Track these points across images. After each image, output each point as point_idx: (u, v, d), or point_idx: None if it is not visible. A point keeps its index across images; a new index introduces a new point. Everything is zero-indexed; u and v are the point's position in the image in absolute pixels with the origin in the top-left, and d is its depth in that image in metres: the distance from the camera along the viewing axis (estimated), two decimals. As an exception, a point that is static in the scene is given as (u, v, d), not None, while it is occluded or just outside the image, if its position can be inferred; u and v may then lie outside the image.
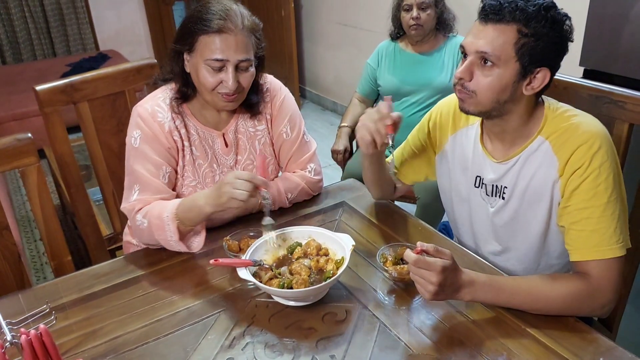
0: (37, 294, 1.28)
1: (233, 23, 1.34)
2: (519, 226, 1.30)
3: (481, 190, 1.35)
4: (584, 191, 1.15)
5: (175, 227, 1.33)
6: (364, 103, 2.63)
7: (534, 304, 1.13)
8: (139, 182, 1.42)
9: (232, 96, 1.39)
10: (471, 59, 1.16)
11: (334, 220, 1.54)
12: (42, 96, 1.66)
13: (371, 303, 1.21)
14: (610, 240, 1.13)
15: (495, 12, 1.11)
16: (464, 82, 1.18)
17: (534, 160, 1.22)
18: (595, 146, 1.13)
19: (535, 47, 1.11)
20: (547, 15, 1.10)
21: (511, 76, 1.14)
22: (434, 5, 2.35)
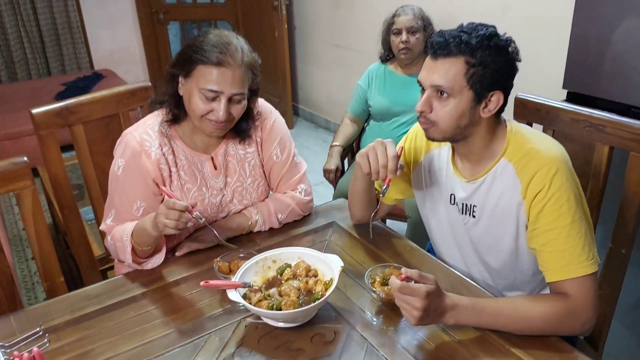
0: (29, 315, 1.30)
1: (233, 58, 1.37)
2: (491, 243, 1.35)
3: (455, 208, 1.39)
4: (548, 213, 1.19)
5: (130, 249, 1.40)
6: (355, 123, 2.67)
7: (516, 325, 1.15)
8: (114, 210, 1.49)
9: (221, 124, 1.42)
10: (428, 92, 1.24)
11: (324, 240, 1.57)
12: (38, 119, 1.69)
13: (359, 324, 1.23)
14: (580, 258, 1.17)
15: (442, 47, 1.19)
16: (425, 114, 1.25)
17: (501, 181, 1.27)
18: (553, 169, 1.19)
19: (485, 74, 1.18)
20: (490, 44, 1.18)
21: (467, 103, 1.21)
22: (423, 29, 2.41)
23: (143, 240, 1.38)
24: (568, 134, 1.51)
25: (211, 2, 5.52)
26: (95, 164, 1.81)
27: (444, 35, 1.20)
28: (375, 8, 3.74)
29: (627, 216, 1.41)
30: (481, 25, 1.21)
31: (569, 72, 1.92)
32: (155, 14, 5.35)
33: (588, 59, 1.87)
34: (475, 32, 1.18)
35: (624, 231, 1.42)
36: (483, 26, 1.21)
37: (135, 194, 1.46)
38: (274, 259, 1.36)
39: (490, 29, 1.20)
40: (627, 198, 1.41)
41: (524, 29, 2.76)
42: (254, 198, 1.62)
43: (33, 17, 4.83)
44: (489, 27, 1.21)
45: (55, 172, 1.74)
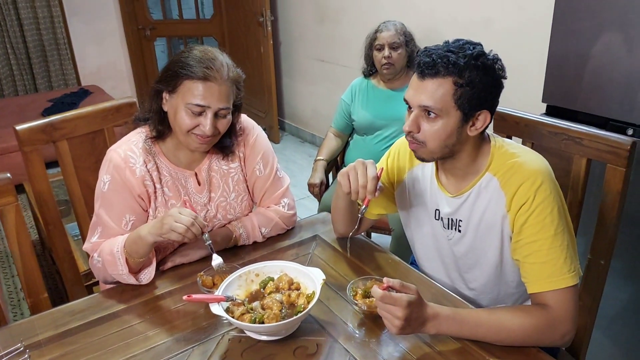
0: (12, 331, 1.29)
1: (219, 73, 1.39)
2: (476, 257, 1.37)
3: (441, 223, 1.41)
4: (531, 225, 1.22)
5: (124, 261, 1.38)
6: (339, 137, 2.70)
7: (496, 336, 1.17)
8: (102, 226, 1.48)
9: (206, 138, 1.43)
10: (415, 112, 1.24)
11: (307, 253, 1.58)
12: (22, 135, 1.69)
13: (342, 336, 1.24)
14: (562, 270, 1.19)
15: (430, 67, 1.19)
16: (413, 134, 1.25)
17: (485, 195, 1.29)
18: (537, 182, 1.21)
19: (472, 95, 1.19)
20: (477, 64, 1.18)
21: (454, 123, 1.22)
22: (405, 44, 2.45)
23: (137, 249, 1.38)
24: (546, 147, 1.54)
25: (197, 18, 5.56)
26: (80, 180, 1.81)
27: (431, 55, 1.20)
28: (360, 23, 3.79)
29: (606, 227, 1.44)
30: (468, 43, 1.21)
31: (548, 85, 1.95)
32: (142, 30, 5.38)
33: (567, 73, 1.90)
34: (462, 52, 1.18)
35: (603, 242, 1.45)
36: (469, 44, 1.21)
37: (124, 208, 1.47)
38: (257, 272, 1.37)
39: (477, 48, 1.20)
40: (605, 209, 1.43)
41: (505, 42, 2.81)
42: (238, 213, 1.64)
43: (19, 34, 4.84)
44: (475, 45, 1.21)
45: (39, 189, 1.74)
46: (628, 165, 1.36)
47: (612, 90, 1.79)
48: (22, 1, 4.75)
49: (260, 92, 4.79)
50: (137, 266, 1.42)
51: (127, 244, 1.39)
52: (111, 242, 1.43)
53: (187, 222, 1.30)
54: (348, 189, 1.32)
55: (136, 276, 1.42)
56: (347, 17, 4.00)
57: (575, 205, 1.50)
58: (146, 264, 1.45)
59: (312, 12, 4.39)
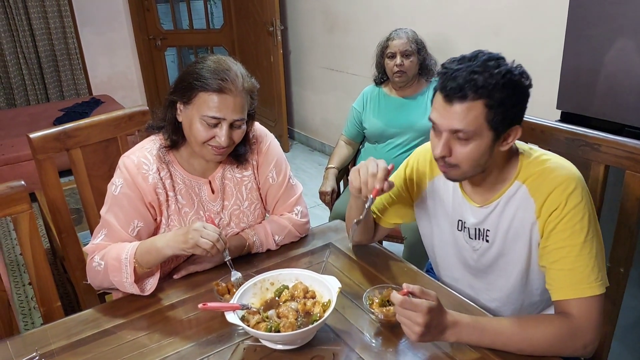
0: (25, 340, 1.28)
1: (234, 84, 1.38)
2: (503, 266, 1.34)
3: (464, 234, 1.38)
4: (561, 231, 1.19)
5: (132, 269, 1.37)
6: (350, 145, 2.69)
7: (517, 345, 1.15)
8: (107, 229, 1.46)
9: (222, 149, 1.42)
10: (446, 135, 1.19)
11: (321, 262, 1.56)
12: (36, 143, 1.69)
13: (358, 345, 1.22)
14: (589, 279, 1.17)
15: (457, 92, 1.14)
16: (445, 158, 1.21)
17: (513, 203, 1.27)
18: (570, 188, 1.18)
19: (505, 113, 1.15)
20: (507, 83, 1.13)
21: (487, 143, 1.18)
22: (417, 52, 2.44)
23: (149, 259, 1.37)
24: (563, 154, 1.50)
25: (208, 28, 5.59)
26: (93, 188, 1.82)
27: (455, 78, 1.14)
28: (369, 32, 3.79)
29: (625, 235, 1.42)
30: (489, 59, 1.15)
31: (563, 92, 1.94)
32: (153, 40, 5.41)
33: (581, 79, 1.89)
34: (488, 71, 1.13)
35: (622, 250, 1.42)
36: (491, 60, 1.15)
37: (133, 213, 1.46)
38: (272, 280, 1.35)
39: (502, 65, 1.15)
40: (624, 217, 1.41)
41: (517, 50, 2.80)
42: (251, 221, 1.63)
43: (32, 44, 4.89)
44: (498, 59, 1.16)
45: (53, 197, 1.74)
46: (648, 171, 1.34)
47: (628, 96, 1.77)
48: (34, 12, 4.80)
49: (270, 101, 4.80)
50: (143, 275, 1.41)
51: (139, 253, 1.38)
52: (118, 247, 1.41)
53: (213, 238, 1.30)
54: (358, 182, 1.30)
55: (140, 286, 1.40)
56: (357, 26, 4.00)
57: (594, 212, 1.47)
58: (149, 274, 1.43)
59: (321, 21, 4.40)
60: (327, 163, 2.65)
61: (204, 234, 1.30)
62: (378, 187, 1.28)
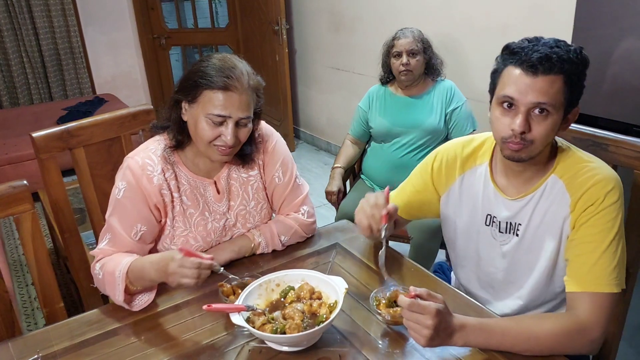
0: (27, 342, 1.27)
1: (239, 82, 1.36)
2: (530, 262, 1.33)
3: (492, 229, 1.37)
4: (592, 226, 1.19)
5: (123, 287, 1.34)
6: (356, 144, 2.68)
7: (525, 344, 1.13)
8: (111, 233, 1.44)
9: (228, 149, 1.40)
10: (526, 110, 1.16)
11: (327, 262, 1.55)
12: (39, 142, 1.68)
13: (365, 347, 1.21)
14: (609, 277, 1.17)
15: (543, 63, 1.13)
16: (524, 134, 1.18)
17: (547, 197, 1.26)
18: (609, 186, 1.19)
19: (576, 91, 1.18)
20: (582, 60, 1.16)
21: (559, 120, 1.19)
22: (423, 51, 2.43)
23: (140, 282, 1.35)
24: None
25: (212, 27, 5.57)
26: (97, 187, 1.80)
27: (538, 50, 1.14)
28: (375, 31, 3.77)
29: (635, 235, 1.40)
30: (558, 40, 1.18)
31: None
32: (157, 39, 5.40)
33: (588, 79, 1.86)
34: (565, 47, 1.15)
35: (632, 250, 1.40)
36: (561, 41, 1.18)
37: (136, 216, 1.44)
38: (278, 282, 1.34)
39: (571, 45, 1.17)
40: (633, 217, 1.40)
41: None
42: (257, 221, 1.61)
43: (35, 43, 4.88)
44: (561, 41, 1.18)
45: (56, 196, 1.72)
46: (658, 171, 1.32)
47: (635, 95, 1.75)
48: (37, 10, 4.79)
49: (275, 100, 4.78)
50: (136, 291, 1.38)
51: (132, 274, 1.35)
52: (115, 261, 1.39)
53: (194, 275, 1.25)
54: (365, 219, 1.33)
55: (131, 301, 1.37)
56: (363, 26, 3.99)
57: (603, 213, 1.45)
58: (146, 290, 1.39)
59: (327, 21, 4.38)
60: (334, 162, 2.64)
61: (183, 274, 1.25)
62: (384, 212, 1.30)
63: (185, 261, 1.25)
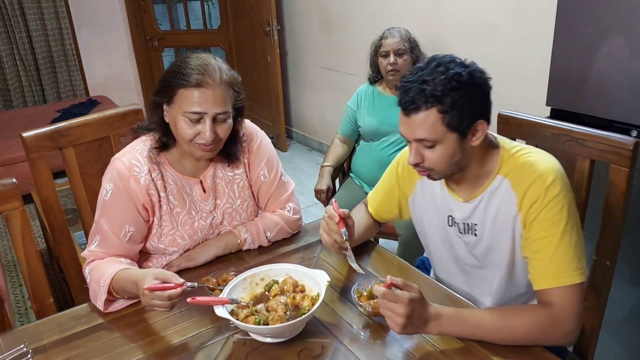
0: (17, 335, 1.30)
1: (211, 78, 1.37)
2: (492, 260, 1.36)
3: (454, 229, 1.41)
4: (541, 221, 1.22)
5: (104, 297, 1.35)
6: (345, 143, 2.71)
7: (499, 334, 1.17)
8: (100, 235, 1.46)
9: (209, 146, 1.42)
10: (415, 145, 1.25)
11: (312, 257, 1.58)
12: (29, 142, 1.71)
13: (347, 338, 1.24)
14: (569, 268, 1.19)
15: (410, 104, 1.20)
16: (420, 165, 1.27)
17: (497, 197, 1.29)
18: (549, 180, 1.21)
19: (461, 114, 1.19)
20: (454, 86, 1.17)
21: (454, 143, 1.22)
22: (410, 51, 2.47)
23: (124, 293, 1.36)
24: (550, 149, 1.52)
25: (205, 29, 5.61)
26: (87, 186, 1.83)
27: (407, 90, 1.20)
28: (366, 31, 3.81)
29: (610, 228, 1.43)
30: (438, 64, 1.20)
31: (552, 89, 1.96)
32: (150, 41, 5.43)
33: (570, 76, 1.90)
34: (437, 78, 1.17)
35: (608, 243, 1.44)
36: (441, 65, 1.19)
37: (124, 218, 1.46)
38: (262, 276, 1.37)
39: (450, 70, 1.18)
40: (610, 210, 1.43)
41: (510, 48, 2.82)
42: (244, 218, 1.64)
43: (28, 45, 4.90)
44: (447, 63, 1.19)
45: (46, 195, 1.75)
46: (631, 165, 1.35)
47: (616, 92, 1.78)
48: (31, 13, 4.82)
49: (267, 101, 4.81)
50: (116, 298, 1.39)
51: (115, 284, 1.35)
52: (102, 269, 1.39)
53: (166, 306, 1.23)
54: (325, 235, 1.42)
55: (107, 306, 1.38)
56: (353, 26, 4.02)
57: (580, 206, 1.48)
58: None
59: (318, 21, 4.42)
60: (323, 161, 2.67)
61: (155, 305, 1.24)
62: (337, 220, 1.38)
63: (156, 296, 1.23)
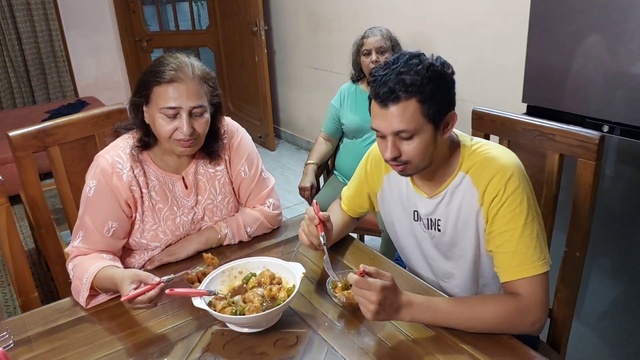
0: (1, 327, 1.33)
1: (184, 73, 1.42)
2: (457, 254, 1.40)
3: (420, 224, 1.45)
4: (502, 216, 1.26)
5: (87, 293, 1.38)
6: (329, 141, 2.75)
7: (468, 322, 1.21)
8: (83, 231, 1.50)
9: (188, 142, 1.45)
10: (391, 138, 1.25)
11: (291, 251, 1.62)
12: (15, 141, 1.73)
13: (321, 328, 1.28)
14: (532, 259, 1.24)
15: (389, 95, 1.21)
16: (397, 159, 1.28)
17: (459, 193, 1.34)
18: (507, 175, 1.26)
19: (438, 104, 1.22)
20: (432, 75, 1.20)
21: (430, 134, 1.25)
22: (391, 49, 2.51)
23: (106, 288, 1.39)
24: (522, 144, 1.58)
25: (193, 29, 5.63)
26: (72, 184, 1.85)
27: (386, 82, 1.21)
28: (352, 31, 3.82)
29: (579, 220, 1.48)
30: (411, 57, 1.23)
31: (527, 86, 2.00)
32: (139, 42, 5.45)
33: (545, 74, 1.95)
34: (413, 68, 1.20)
35: (578, 235, 1.48)
36: (413, 58, 1.22)
37: (107, 214, 1.49)
38: (240, 269, 1.41)
39: (423, 60, 1.22)
40: (578, 203, 1.47)
41: (490, 46, 2.87)
42: (225, 214, 1.68)
43: (18, 47, 4.91)
44: (419, 56, 1.23)
45: (32, 193, 1.78)
46: (598, 158, 1.40)
47: (589, 89, 1.83)
48: (20, 15, 4.83)
49: (255, 101, 4.85)
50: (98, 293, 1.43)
51: (98, 281, 1.38)
52: (84, 266, 1.42)
53: (149, 307, 1.27)
54: (304, 236, 1.46)
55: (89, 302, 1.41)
56: (340, 26, 4.07)
57: (550, 200, 1.54)
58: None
59: (305, 21, 4.46)
60: (307, 159, 2.71)
61: (139, 308, 1.29)
62: (317, 222, 1.43)
63: (137, 301, 1.25)
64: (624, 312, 1.92)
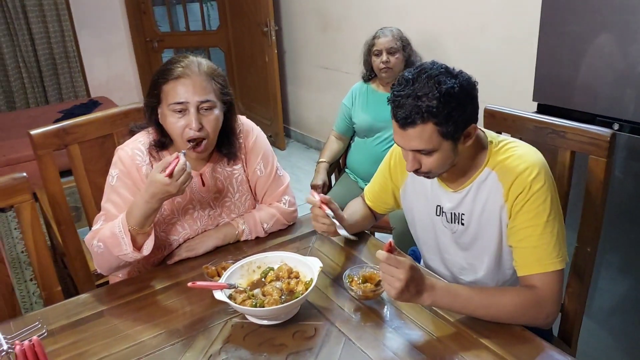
0: (27, 321, 1.35)
1: (190, 69, 1.46)
2: (479, 248, 1.43)
3: (442, 219, 1.48)
4: (526, 212, 1.29)
5: (129, 238, 1.42)
6: (340, 140, 2.78)
7: (486, 310, 1.24)
8: (105, 216, 1.53)
9: (198, 142, 1.48)
10: (412, 154, 1.30)
11: (307, 247, 1.65)
12: (36, 139, 1.78)
13: (338, 320, 1.31)
14: (551, 255, 1.27)
15: (406, 119, 1.24)
16: (418, 170, 1.33)
17: (484, 188, 1.37)
18: (533, 173, 1.29)
19: (455, 123, 1.24)
20: (449, 100, 1.21)
21: (449, 149, 1.28)
22: (402, 49, 2.54)
23: (135, 216, 1.40)
24: (533, 141, 1.59)
25: (204, 30, 5.68)
26: (91, 182, 1.90)
27: (402, 106, 1.23)
28: (361, 30, 3.86)
29: (591, 216, 1.50)
30: (429, 77, 1.22)
31: (539, 84, 2.02)
32: (150, 42, 5.49)
33: (555, 73, 1.97)
34: (430, 93, 1.20)
35: (589, 231, 1.51)
36: (431, 78, 1.22)
37: (128, 201, 1.51)
38: (259, 264, 1.44)
39: (441, 82, 1.21)
40: (589, 199, 1.50)
41: (500, 46, 2.89)
42: (242, 211, 1.71)
43: (31, 47, 4.97)
44: (437, 76, 1.22)
45: (53, 191, 1.82)
46: (609, 155, 1.43)
47: (599, 87, 1.85)
48: (33, 16, 4.89)
49: (265, 100, 4.89)
50: (142, 239, 1.45)
51: (129, 218, 1.41)
52: (110, 225, 1.46)
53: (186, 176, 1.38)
54: (316, 222, 1.51)
55: (139, 251, 1.45)
56: (349, 25, 4.09)
57: (562, 196, 1.55)
58: (145, 237, 1.47)
59: (315, 21, 4.49)
60: (319, 157, 2.74)
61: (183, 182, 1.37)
62: (318, 204, 1.47)
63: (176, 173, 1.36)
64: (634, 309, 1.94)
